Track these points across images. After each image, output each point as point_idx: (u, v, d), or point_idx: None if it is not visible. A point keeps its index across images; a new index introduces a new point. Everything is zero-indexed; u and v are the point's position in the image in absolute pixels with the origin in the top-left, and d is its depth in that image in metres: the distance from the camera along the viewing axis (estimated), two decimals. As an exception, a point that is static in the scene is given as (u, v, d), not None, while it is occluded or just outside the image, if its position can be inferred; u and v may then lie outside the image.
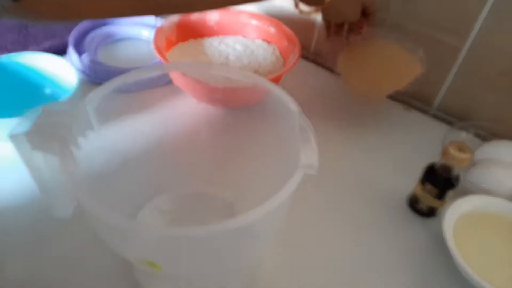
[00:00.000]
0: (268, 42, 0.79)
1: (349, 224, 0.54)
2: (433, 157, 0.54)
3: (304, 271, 0.49)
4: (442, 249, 0.51)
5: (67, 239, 0.49)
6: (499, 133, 0.65)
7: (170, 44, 0.73)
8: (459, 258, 0.46)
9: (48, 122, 0.37)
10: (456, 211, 0.51)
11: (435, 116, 0.74)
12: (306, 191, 0.57)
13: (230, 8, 0.81)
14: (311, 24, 0.83)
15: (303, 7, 0.63)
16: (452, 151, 0.49)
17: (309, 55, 0.87)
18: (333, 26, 0.66)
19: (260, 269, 0.48)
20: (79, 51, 0.76)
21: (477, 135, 0.67)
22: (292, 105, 0.41)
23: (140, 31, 0.83)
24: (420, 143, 0.67)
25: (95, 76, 0.71)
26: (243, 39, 0.80)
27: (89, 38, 0.79)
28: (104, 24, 0.83)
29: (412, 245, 0.52)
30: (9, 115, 0.53)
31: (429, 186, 0.52)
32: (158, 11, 0.43)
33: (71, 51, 0.74)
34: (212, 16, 0.80)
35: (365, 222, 0.55)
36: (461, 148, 0.49)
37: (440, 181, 0.51)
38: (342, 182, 0.60)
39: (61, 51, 0.78)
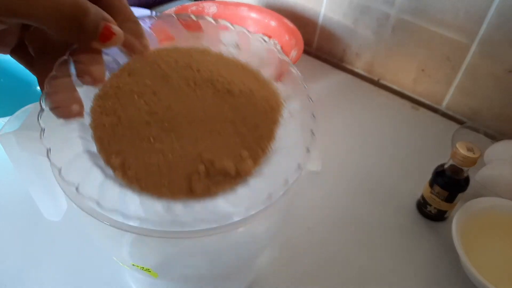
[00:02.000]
0: (269, 37, 0.77)
1: (354, 227, 0.52)
2: (443, 157, 0.53)
3: (306, 274, 0.47)
4: (451, 253, 0.49)
5: (59, 242, 0.48)
6: (508, 133, 0.64)
7: (166, 39, 0.71)
8: (468, 262, 0.44)
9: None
10: (465, 214, 0.49)
11: (445, 115, 0.73)
12: (310, 192, 0.55)
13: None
14: (314, 18, 0.81)
15: None
16: (461, 151, 0.47)
17: (311, 50, 0.85)
18: None
19: (260, 272, 0.47)
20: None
21: (487, 135, 0.65)
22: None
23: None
24: (430, 142, 0.66)
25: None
26: (243, 33, 0.78)
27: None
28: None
29: (420, 250, 0.51)
30: (-1, 113, 0.51)
31: (437, 189, 0.50)
32: None
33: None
34: (210, 9, 0.77)
35: (372, 225, 0.53)
36: (470, 148, 0.48)
37: (449, 184, 0.50)
38: (347, 183, 0.58)
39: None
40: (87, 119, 0.27)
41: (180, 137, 0.26)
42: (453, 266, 0.49)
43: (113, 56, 0.28)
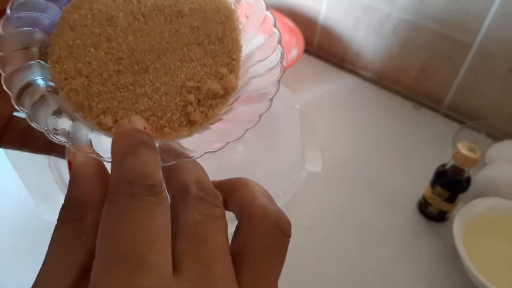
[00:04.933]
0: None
1: (354, 227, 0.52)
2: (445, 157, 0.53)
3: (306, 274, 0.47)
4: (452, 254, 0.49)
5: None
6: (510, 133, 0.64)
7: None
8: (469, 263, 0.44)
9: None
10: (466, 215, 0.49)
11: (446, 115, 0.72)
12: (310, 192, 0.55)
13: None
14: (315, 18, 0.81)
15: None
16: (462, 151, 0.47)
17: (312, 49, 0.85)
18: None
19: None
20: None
21: (488, 135, 0.65)
22: (294, 103, 0.39)
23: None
24: (431, 142, 0.65)
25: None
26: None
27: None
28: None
29: (421, 250, 0.50)
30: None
31: (439, 189, 0.50)
32: None
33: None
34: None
35: (372, 226, 0.53)
36: (471, 148, 0.48)
37: (451, 184, 0.49)
38: (347, 183, 0.58)
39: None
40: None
41: (156, 74, 0.26)
42: (454, 267, 0.49)
43: (39, 12, 0.26)
